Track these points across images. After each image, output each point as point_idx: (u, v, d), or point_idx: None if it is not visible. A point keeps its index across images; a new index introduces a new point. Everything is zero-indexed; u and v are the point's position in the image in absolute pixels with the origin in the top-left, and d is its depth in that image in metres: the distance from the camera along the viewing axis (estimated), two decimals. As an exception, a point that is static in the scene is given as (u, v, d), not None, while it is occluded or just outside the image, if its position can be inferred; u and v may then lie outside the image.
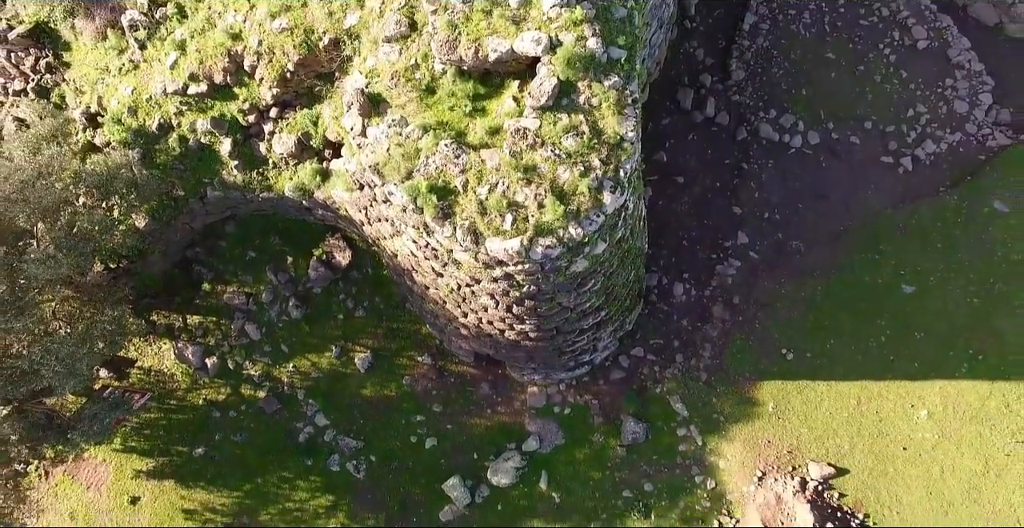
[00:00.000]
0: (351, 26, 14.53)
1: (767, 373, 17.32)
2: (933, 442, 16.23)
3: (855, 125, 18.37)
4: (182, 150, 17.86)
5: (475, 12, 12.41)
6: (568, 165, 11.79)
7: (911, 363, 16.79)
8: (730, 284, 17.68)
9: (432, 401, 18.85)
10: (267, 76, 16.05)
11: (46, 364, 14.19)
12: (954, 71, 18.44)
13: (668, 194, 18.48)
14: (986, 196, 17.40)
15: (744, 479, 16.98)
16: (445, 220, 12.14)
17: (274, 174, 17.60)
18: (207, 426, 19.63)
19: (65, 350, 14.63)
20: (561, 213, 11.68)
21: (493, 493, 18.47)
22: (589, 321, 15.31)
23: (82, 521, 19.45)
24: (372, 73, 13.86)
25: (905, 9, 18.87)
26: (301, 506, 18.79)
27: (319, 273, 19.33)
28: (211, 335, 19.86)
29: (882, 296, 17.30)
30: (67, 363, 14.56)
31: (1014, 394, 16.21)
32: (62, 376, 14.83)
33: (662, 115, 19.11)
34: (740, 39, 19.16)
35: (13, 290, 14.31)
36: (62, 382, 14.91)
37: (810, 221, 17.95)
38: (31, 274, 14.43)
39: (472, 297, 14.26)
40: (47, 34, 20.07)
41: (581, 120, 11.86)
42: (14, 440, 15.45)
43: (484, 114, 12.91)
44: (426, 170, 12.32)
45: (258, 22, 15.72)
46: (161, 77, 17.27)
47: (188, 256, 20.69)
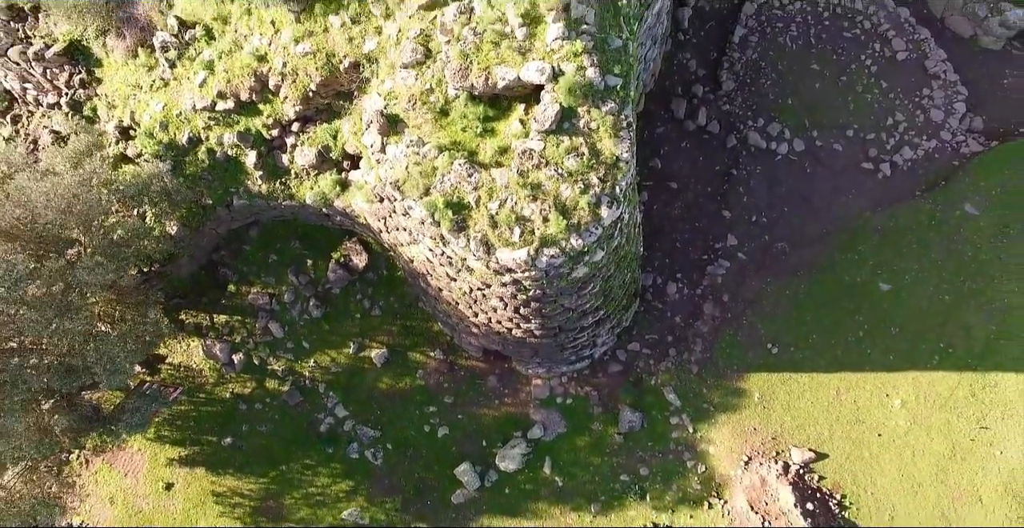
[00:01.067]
0: (370, 51, 15.68)
1: (753, 366, 18.40)
2: (905, 428, 17.48)
3: (838, 133, 19.41)
4: (210, 162, 19.05)
5: (485, 43, 13.60)
6: (570, 183, 13.06)
7: (886, 356, 17.92)
8: (720, 283, 18.80)
9: (444, 393, 19.89)
10: (290, 95, 17.22)
11: (98, 362, 15.57)
12: (931, 81, 19.50)
13: (662, 199, 19.61)
14: (958, 200, 18.45)
15: (732, 463, 18.21)
16: (460, 232, 13.40)
17: (296, 184, 18.79)
18: (234, 418, 20.69)
19: (114, 349, 16.00)
20: (563, 226, 12.96)
21: (501, 478, 19.48)
22: (589, 320, 16.61)
23: (121, 505, 20.83)
24: (390, 95, 15.06)
25: (886, 22, 19.88)
26: (323, 491, 19.94)
27: (337, 275, 20.42)
28: (237, 333, 21.00)
29: (861, 294, 18.36)
30: (115, 361, 15.94)
31: (979, 384, 17.44)
32: (110, 372, 16.20)
33: (657, 124, 20.20)
34: (730, 51, 20.20)
35: (67, 295, 15.62)
36: (109, 378, 16.28)
37: (795, 224, 19.00)
38: (81, 280, 15.74)
39: (483, 299, 15.57)
40: (80, 51, 21.13)
41: (581, 142, 13.10)
42: (63, 429, 16.82)
43: (493, 135, 14.14)
44: (442, 187, 13.57)
45: (282, 45, 16.86)
46: (190, 94, 18.41)
47: (214, 259, 21.76)
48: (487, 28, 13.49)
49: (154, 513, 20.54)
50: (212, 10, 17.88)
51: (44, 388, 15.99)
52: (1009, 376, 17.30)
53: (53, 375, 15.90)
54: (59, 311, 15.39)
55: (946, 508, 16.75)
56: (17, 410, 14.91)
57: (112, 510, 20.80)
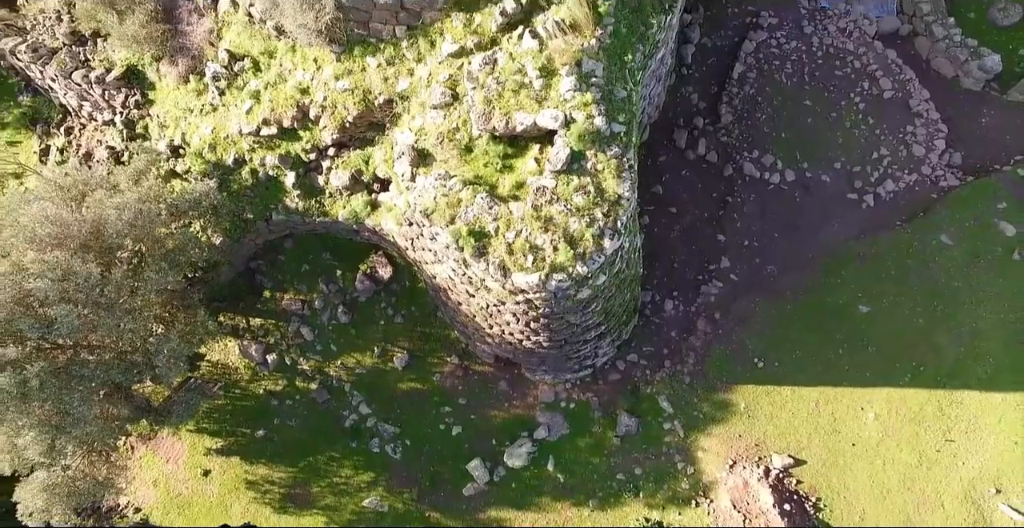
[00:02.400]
0: (402, 90, 17.50)
1: (741, 378, 19.73)
2: (877, 439, 18.89)
3: (826, 165, 20.78)
4: (253, 180, 20.90)
5: (506, 91, 15.41)
6: (577, 217, 14.84)
7: (863, 372, 19.25)
8: (713, 302, 20.23)
9: (458, 395, 21.32)
10: (329, 124, 19.08)
11: (157, 359, 17.56)
12: (914, 118, 20.91)
13: (663, 222, 21.18)
14: (935, 230, 19.80)
15: (718, 466, 19.65)
16: (480, 257, 15.21)
17: (330, 202, 20.57)
18: (267, 412, 22.29)
19: (169, 348, 17.98)
20: (571, 255, 14.75)
21: (508, 473, 20.77)
22: (591, 334, 18.35)
23: (163, 488, 22.77)
24: (420, 131, 16.93)
25: (874, 63, 21.36)
26: (346, 481, 21.51)
27: (364, 285, 22.06)
28: (271, 335, 22.74)
29: (841, 315, 19.65)
30: (170, 358, 17.93)
31: (947, 400, 18.81)
32: (165, 369, 18.21)
33: (660, 153, 21.80)
34: (730, 86, 21.76)
35: (132, 299, 17.59)
36: (165, 374, 18.27)
37: (784, 248, 20.35)
38: (144, 285, 17.70)
39: (498, 314, 17.39)
40: (136, 75, 23.08)
41: (588, 182, 14.87)
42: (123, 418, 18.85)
43: (512, 171, 15.95)
44: (466, 217, 15.39)
45: (323, 81, 18.71)
46: (237, 120, 20.30)
47: (252, 267, 23.53)
48: (508, 78, 15.33)
49: (192, 496, 22.48)
50: (260, 45, 19.79)
51: (108, 381, 18.04)
52: (974, 394, 18.75)
53: (116, 370, 17.94)
54: (125, 313, 17.40)
55: (911, 512, 18.29)
56: (90, 399, 16.90)
57: (155, 492, 22.78)
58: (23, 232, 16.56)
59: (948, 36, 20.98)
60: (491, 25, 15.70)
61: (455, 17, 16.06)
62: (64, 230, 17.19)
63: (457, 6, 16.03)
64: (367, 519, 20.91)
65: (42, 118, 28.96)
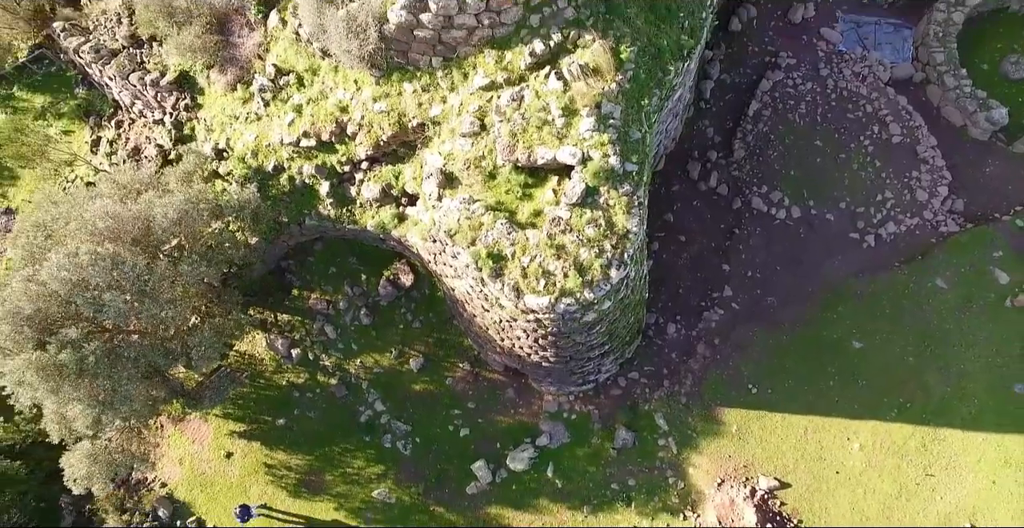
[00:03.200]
0: (435, 116, 18.76)
1: (734, 402, 20.70)
2: (860, 469, 19.78)
3: (831, 204, 21.72)
4: (290, 187, 22.24)
5: (530, 126, 16.66)
6: (587, 247, 16.06)
7: (852, 405, 20.15)
8: (713, 328, 21.28)
9: (468, 399, 22.52)
10: (364, 141, 20.40)
11: (195, 347, 19.14)
12: (920, 164, 21.79)
13: (671, 249, 22.27)
14: (931, 274, 20.65)
15: (707, 483, 20.71)
16: (497, 278, 16.46)
17: (360, 212, 21.87)
18: (288, 403, 23.51)
19: (206, 338, 19.56)
20: (579, 282, 15.96)
21: (510, 476, 21.88)
22: (595, 352, 19.55)
23: (188, 467, 24.34)
24: (449, 156, 18.24)
25: (885, 108, 22.22)
26: (358, 472, 22.80)
27: (386, 290, 23.30)
28: (296, 331, 24.09)
29: (835, 349, 20.55)
30: (206, 348, 19.50)
31: (930, 437, 19.68)
32: (201, 357, 19.76)
33: (673, 182, 22.88)
34: (744, 123, 22.79)
35: (173, 291, 19.15)
36: (200, 361, 19.82)
37: (785, 282, 21.31)
38: (185, 279, 19.28)
39: (509, 329, 18.70)
40: (187, 80, 24.66)
41: (600, 215, 16.07)
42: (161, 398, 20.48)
43: (531, 199, 17.20)
44: (486, 240, 16.67)
45: (362, 102, 20.05)
46: (279, 130, 21.72)
47: (282, 266, 24.89)
48: (533, 114, 16.59)
49: (215, 476, 24.06)
50: (305, 62, 21.22)
51: (150, 364, 19.67)
52: (957, 433, 19.61)
53: (158, 354, 19.56)
54: (166, 303, 18.99)
55: (887, 540, 19.35)
56: (135, 379, 18.51)
57: (180, 470, 24.43)
58: (86, 225, 18.23)
59: (959, 86, 21.78)
60: (521, 63, 16.97)
61: (488, 53, 17.35)
62: (119, 225, 18.81)
63: (490, 44, 17.31)
64: (375, 509, 22.28)
65: (95, 111, 30.76)
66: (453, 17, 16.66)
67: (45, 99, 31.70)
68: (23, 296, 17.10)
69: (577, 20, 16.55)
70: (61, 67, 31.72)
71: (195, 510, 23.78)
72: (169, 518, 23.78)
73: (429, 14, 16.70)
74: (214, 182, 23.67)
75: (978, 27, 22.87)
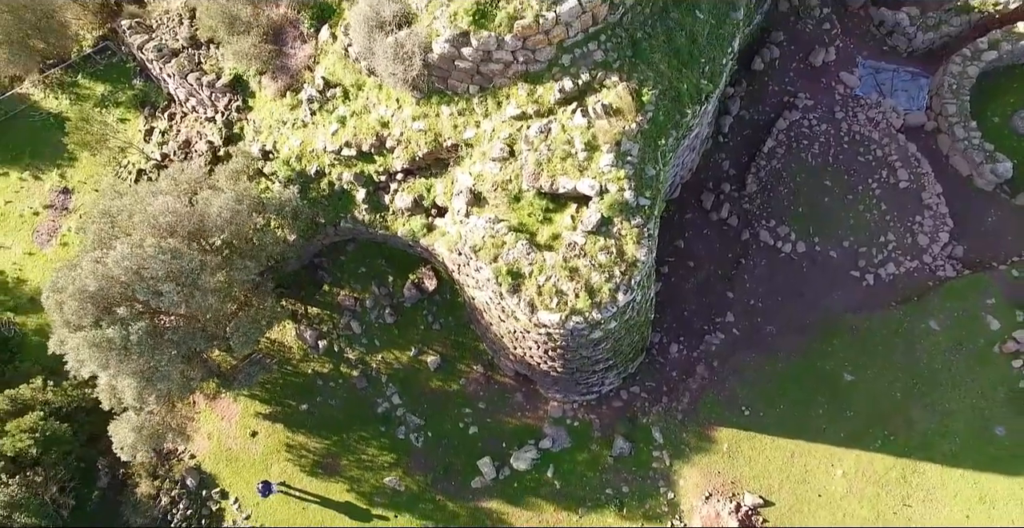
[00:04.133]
0: (468, 138, 20.26)
1: (727, 422, 21.88)
2: (841, 494, 20.85)
3: (835, 242, 22.78)
4: (329, 191, 23.64)
5: (555, 157, 18.16)
6: (599, 272, 17.54)
7: (838, 433, 21.23)
8: (713, 351, 22.52)
9: (479, 400, 23.83)
10: (401, 155, 21.98)
11: (235, 334, 21.01)
12: (924, 210, 22.78)
13: (680, 274, 23.58)
14: (925, 315, 21.65)
15: (695, 496, 21.94)
16: (514, 294, 18.01)
17: (392, 219, 23.21)
18: (312, 390, 24.95)
19: (245, 326, 21.40)
20: (589, 303, 17.44)
21: (513, 474, 23.17)
22: (600, 366, 21.00)
23: (216, 441, 26.05)
24: (478, 177, 19.80)
25: (895, 154, 23.25)
26: (372, 459, 24.29)
27: (411, 292, 24.67)
28: (324, 324, 25.56)
29: (827, 379, 21.65)
30: (247, 335, 21.36)
31: (911, 469, 20.70)
32: (239, 343, 21.63)
33: (687, 211, 24.16)
34: (759, 158, 23.97)
35: (219, 281, 20.94)
36: (239, 347, 21.67)
37: (785, 312, 22.48)
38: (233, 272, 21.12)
39: (522, 339, 20.24)
40: (240, 84, 26.48)
41: (612, 244, 17.54)
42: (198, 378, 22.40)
43: (550, 223, 18.69)
44: (507, 258, 18.22)
45: (402, 120, 21.60)
46: (323, 138, 23.31)
47: (315, 263, 26.40)
48: (558, 147, 18.10)
49: (240, 452, 25.88)
50: (351, 78, 22.81)
51: (190, 347, 21.60)
52: (936, 467, 20.66)
53: (199, 338, 21.47)
54: (212, 293, 20.83)
55: (860, 563, 20.48)
56: (176, 360, 20.42)
57: (208, 444, 26.27)
58: (149, 219, 20.17)
59: (968, 138, 22.75)
60: (550, 98, 18.47)
61: (521, 86, 18.86)
62: (178, 220, 20.76)
63: (524, 77, 18.83)
64: (385, 494, 23.96)
65: (150, 102, 32.70)
66: (492, 52, 18.22)
67: (105, 88, 33.86)
68: (90, 276, 19.06)
69: (605, 62, 18.02)
70: (122, 58, 33.86)
71: (220, 482, 25.73)
72: (196, 487, 25.78)
73: (470, 48, 18.28)
74: (259, 180, 25.52)
75: (993, 81, 23.78)
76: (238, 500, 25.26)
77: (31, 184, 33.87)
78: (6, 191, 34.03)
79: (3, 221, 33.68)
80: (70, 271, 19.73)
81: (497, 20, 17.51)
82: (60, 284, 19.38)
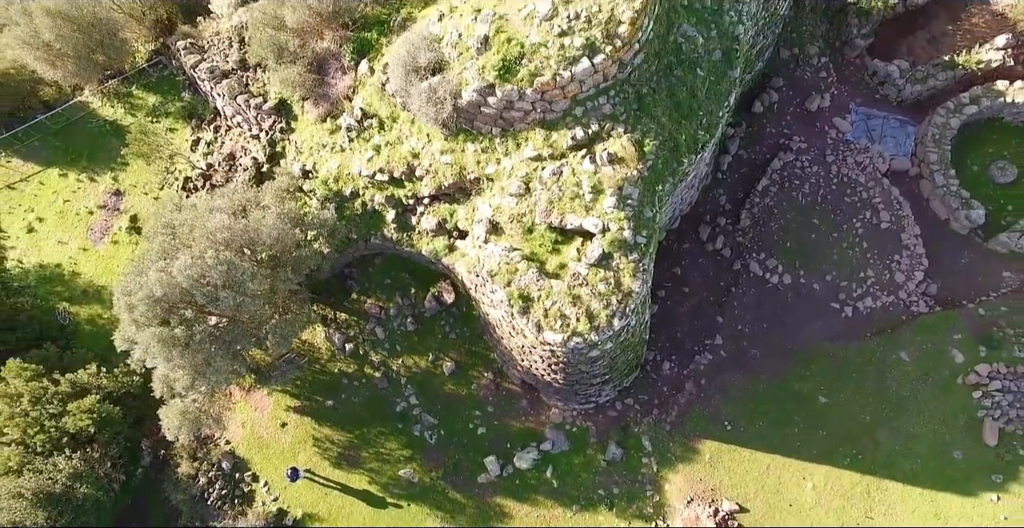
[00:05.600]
0: (489, 173, 22.63)
1: (711, 435, 23.89)
2: (810, 505, 22.92)
3: (819, 276, 24.75)
4: (362, 211, 26.08)
5: (564, 197, 20.57)
6: (598, 300, 19.95)
7: (811, 450, 23.22)
8: (702, 370, 24.63)
9: (488, 404, 25.91)
10: (429, 183, 24.44)
11: (273, 335, 23.71)
12: (902, 250, 24.72)
13: (675, 298, 25.79)
14: (897, 347, 23.57)
15: (678, 500, 24.09)
16: (524, 315, 20.45)
17: (417, 238, 25.54)
18: (337, 388, 27.13)
19: (283, 329, 24.12)
20: (588, 327, 19.87)
21: (515, 472, 25.22)
22: (597, 380, 23.39)
23: (249, 430, 28.80)
24: (497, 209, 22.24)
25: (879, 196, 25.23)
26: (389, 453, 26.46)
27: (431, 304, 26.89)
28: (351, 328, 27.84)
29: (803, 401, 23.63)
30: (283, 336, 24.08)
31: (875, 486, 22.72)
32: (277, 344, 24.37)
33: (685, 241, 26.35)
34: (753, 196, 26.09)
35: (272, 289, 23.60)
36: (276, 347, 24.42)
37: (769, 338, 24.44)
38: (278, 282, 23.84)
39: (529, 353, 22.71)
40: (284, 107, 29.15)
41: (611, 276, 19.93)
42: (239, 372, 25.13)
43: (558, 254, 21.10)
44: (519, 284, 20.69)
45: (431, 152, 24.05)
46: (359, 163, 25.78)
47: (345, 273, 28.69)
48: (568, 188, 20.50)
49: (270, 441, 28.49)
50: (387, 110, 25.24)
51: (238, 346, 24.35)
52: (898, 485, 22.68)
53: (245, 339, 24.22)
54: (258, 299, 23.55)
55: (822, 567, 22.64)
56: (226, 356, 23.19)
57: (242, 431, 28.99)
58: (208, 234, 22.94)
59: (947, 184, 24.72)
60: (564, 144, 20.86)
61: (538, 131, 21.26)
62: (232, 236, 23.52)
63: (541, 124, 21.24)
64: (400, 485, 26.43)
65: (197, 114, 35.53)
66: (514, 102, 20.67)
67: (156, 99, 36.81)
68: (157, 283, 21.88)
69: (613, 115, 20.39)
70: (172, 72, 36.76)
71: (251, 467, 28.49)
72: (230, 470, 28.61)
73: (495, 98, 20.74)
74: (297, 196, 28.19)
75: (974, 132, 25.66)
76: (267, 483, 27.99)
77: (87, 185, 36.95)
78: (65, 191, 37.17)
79: (61, 219, 36.81)
80: (138, 277, 22.59)
81: (520, 75, 19.96)
82: (130, 288, 22.24)
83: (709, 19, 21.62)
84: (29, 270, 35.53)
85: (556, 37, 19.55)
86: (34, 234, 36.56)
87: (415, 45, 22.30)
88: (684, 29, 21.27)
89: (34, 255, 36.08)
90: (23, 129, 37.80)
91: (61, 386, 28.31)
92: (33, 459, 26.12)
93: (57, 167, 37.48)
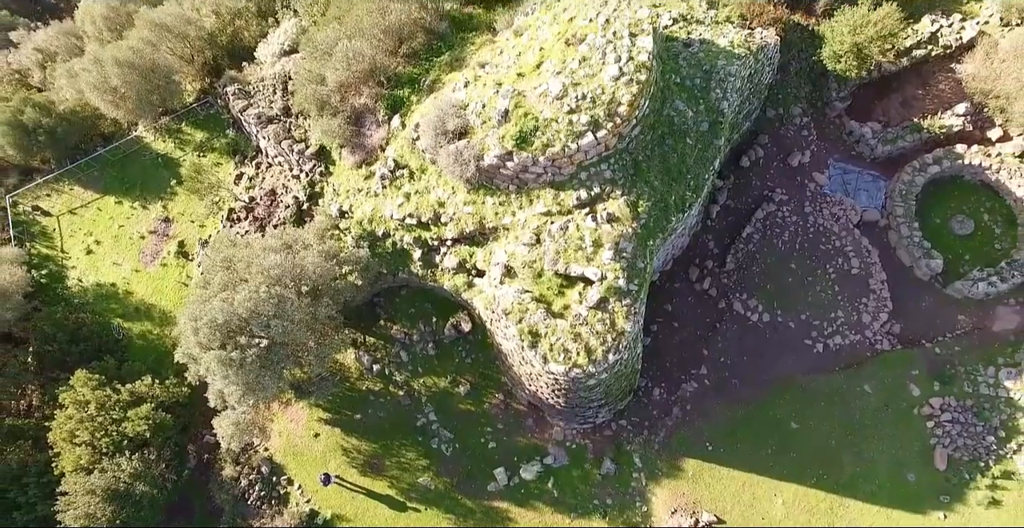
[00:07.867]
0: (505, 223, 26.07)
1: (694, 454, 26.79)
2: (780, 519, 25.83)
3: (794, 315, 27.81)
4: (392, 249, 29.36)
5: (569, 248, 23.98)
6: (596, 337, 23.29)
7: (782, 470, 26.08)
8: (688, 397, 27.75)
9: (498, 421, 28.61)
10: (452, 228, 27.91)
11: (312, 356, 27.24)
12: (869, 293, 27.78)
13: (666, 332, 28.93)
14: (862, 380, 26.58)
15: (664, 510, 27.04)
16: (532, 348, 23.81)
17: (440, 274, 28.79)
18: (364, 403, 29.80)
19: (322, 352, 27.69)
20: (587, 360, 23.21)
21: (521, 482, 27.88)
22: (595, 403, 26.69)
23: (284, 439, 32.25)
24: (511, 255, 25.69)
25: (850, 245, 28.31)
26: (409, 462, 29.24)
27: (450, 332, 29.84)
28: (379, 351, 30.73)
29: (777, 426, 26.51)
30: (320, 358, 27.66)
31: (837, 503, 25.64)
32: (315, 364, 27.96)
33: (676, 280, 29.55)
34: (738, 242, 29.27)
35: (314, 317, 27.20)
36: (314, 367, 28.04)
37: (748, 369, 27.41)
38: (320, 312, 27.46)
39: (535, 380, 26.09)
40: (324, 153, 32.86)
41: (607, 317, 23.29)
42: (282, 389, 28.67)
43: (563, 296, 24.48)
44: (529, 321, 24.09)
45: (455, 202, 27.58)
46: (391, 208, 29.32)
47: (374, 301, 31.71)
48: (573, 241, 23.92)
49: (303, 449, 31.66)
50: (416, 162, 28.83)
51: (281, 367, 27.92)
52: (858, 503, 25.55)
53: (289, 361, 27.78)
54: (301, 325, 27.15)
55: (789, 573, 25.61)
56: (274, 376, 26.76)
57: (278, 440, 32.40)
58: (263, 271, 26.57)
59: (911, 235, 27.78)
60: (570, 202, 24.30)
61: (548, 191, 24.71)
62: (283, 272, 27.15)
63: (551, 185, 24.70)
64: (418, 491, 29.53)
65: (240, 150, 39.44)
66: (528, 167, 24.18)
67: (203, 135, 40.85)
68: (220, 312, 25.52)
69: (612, 179, 23.82)
70: (218, 111, 40.72)
71: (287, 472, 31.88)
72: (268, 474, 32.12)
73: (512, 162, 24.25)
74: (335, 234, 31.78)
75: (938, 188, 28.72)
76: (301, 487, 31.39)
77: (139, 212, 41.00)
78: (120, 217, 41.20)
79: (116, 242, 40.80)
80: (203, 305, 26.26)
81: (534, 145, 23.47)
82: (196, 314, 25.93)
83: (698, 95, 25.03)
84: (88, 288, 39.50)
85: (566, 114, 23.06)
86: (92, 255, 40.56)
87: (444, 111, 25.90)
88: (676, 104, 24.70)
89: (92, 274, 40.05)
90: (86, 161, 41.99)
91: (121, 395, 32.05)
92: (100, 459, 29.81)
93: (113, 195, 41.59)
